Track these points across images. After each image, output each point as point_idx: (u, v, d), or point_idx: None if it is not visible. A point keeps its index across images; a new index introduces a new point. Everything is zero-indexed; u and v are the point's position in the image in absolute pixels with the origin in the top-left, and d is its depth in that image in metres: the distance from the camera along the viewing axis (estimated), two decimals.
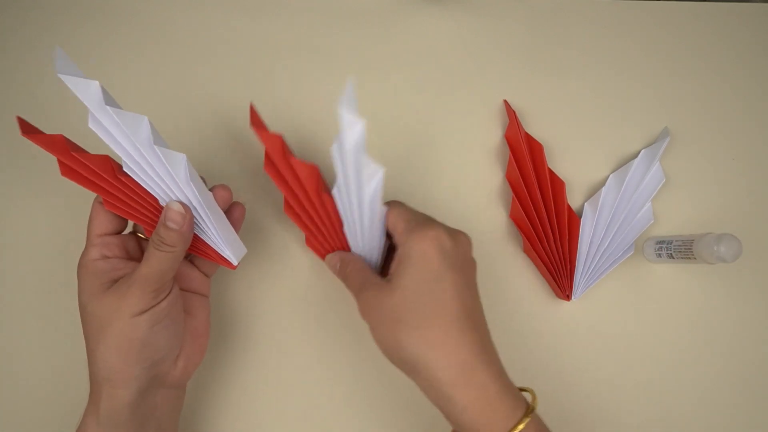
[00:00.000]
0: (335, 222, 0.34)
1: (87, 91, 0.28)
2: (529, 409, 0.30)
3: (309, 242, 0.38)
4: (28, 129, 0.30)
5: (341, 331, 0.42)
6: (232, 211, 0.37)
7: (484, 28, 0.50)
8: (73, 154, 0.31)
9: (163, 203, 0.33)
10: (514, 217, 0.45)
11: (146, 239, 0.36)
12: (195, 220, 0.33)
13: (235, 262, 0.37)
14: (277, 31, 0.49)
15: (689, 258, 0.40)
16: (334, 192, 0.32)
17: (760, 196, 0.47)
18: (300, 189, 0.33)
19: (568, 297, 0.42)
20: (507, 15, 0.50)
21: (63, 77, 0.27)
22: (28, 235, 0.43)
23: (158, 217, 0.33)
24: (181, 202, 0.32)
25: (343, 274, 0.36)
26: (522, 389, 0.33)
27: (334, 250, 0.38)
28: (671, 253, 0.42)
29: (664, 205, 0.46)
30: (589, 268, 0.43)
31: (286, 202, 0.36)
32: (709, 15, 0.51)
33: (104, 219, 0.33)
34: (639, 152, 0.46)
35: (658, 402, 0.42)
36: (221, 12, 0.49)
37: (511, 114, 0.46)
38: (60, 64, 0.28)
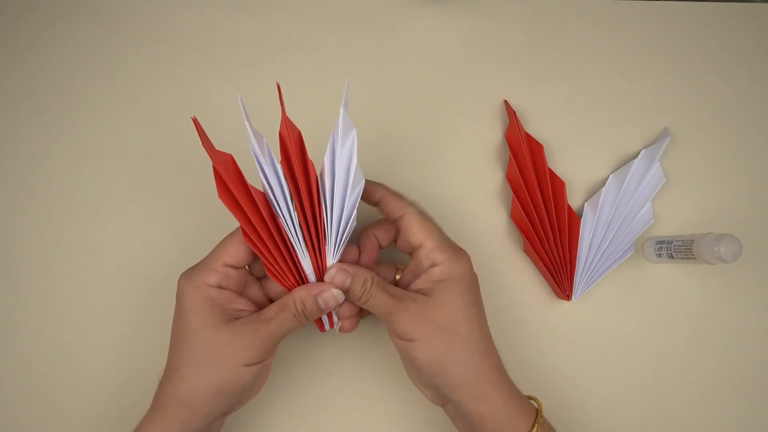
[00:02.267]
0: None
1: (262, 143, 0.31)
2: (538, 414, 0.33)
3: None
4: (203, 135, 0.30)
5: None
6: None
7: (484, 28, 0.50)
8: (244, 181, 0.31)
9: (302, 256, 0.32)
10: (514, 217, 0.45)
11: (256, 276, 0.36)
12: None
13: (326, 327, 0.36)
14: (277, 31, 0.49)
15: (689, 258, 0.40)
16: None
17: (760, 196, 0.47)
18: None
19: (568, 297, 0.42)
20: (507, 15, 0.50)
21: (247, 125, 0.30)
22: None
23: (291, 269, 0.33)
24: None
25: (360, 291, 0.33)
26: (528, 397, 0.35)
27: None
28: (671, 253, 0.42)
29: (664, 205, 0.46)
30: (589, 268, 0.43)
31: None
32: (709, 15, 0.51)
33: (238, 251, 0.33)
34: (639, 152, 0.46)
35: (658, 402, 0.42)
36: (221, 12, 0.49)
37: (511, 114, 0.46)
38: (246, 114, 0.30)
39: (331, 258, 0.33)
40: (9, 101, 0.46)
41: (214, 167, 0.30)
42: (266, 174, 0.31)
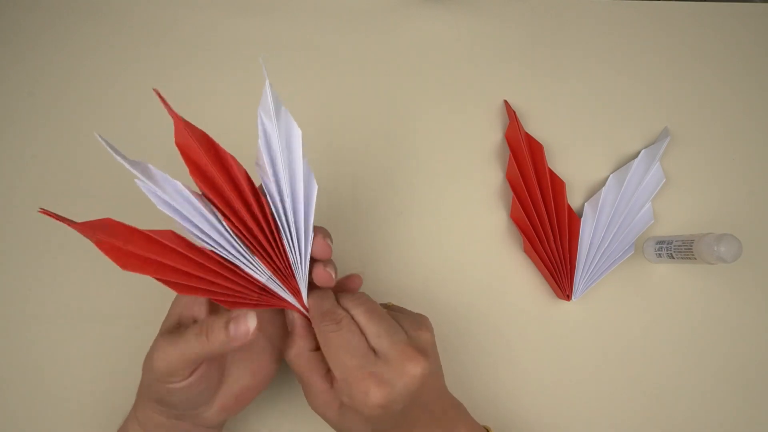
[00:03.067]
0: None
1: (148, 173, 0.27)
2: None
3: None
4: (57, 218, 0.26)
5: None
6: (349, 282, 0.35)
7: (484, 28, 0.50)
8: (130, 229, 0.27)
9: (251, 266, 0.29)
10: (514, 217, 0.45)
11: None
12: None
13: None
14: (277, 31, 0.49)
15: (689, 258, 0.40)
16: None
17: (760, 196, 0.47)
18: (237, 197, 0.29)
19: (568, 297, 0.42)
20: (507, 15, 0.50)
21: (121, 160, 0.27)
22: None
23: (234, 288, 0.30)
24: (255, 322, 0.29)
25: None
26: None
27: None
28: (671, 253, 0.42)
29: (664, 205, 0.46)
30: (589, 268, 0.43)
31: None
32: (709, 15, 0.51)
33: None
34: (639, 152, 0.46)
35: (658, 402, 0.42)
36: (221, 12, 0.49)
37: (511, 114, 0.46)
38: (114, 151, 0.27)
39: (301, 282, 0.31)
40: (9, 101, 0.46)
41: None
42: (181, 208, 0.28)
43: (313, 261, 0.32)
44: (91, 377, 0.40)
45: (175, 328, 0.31)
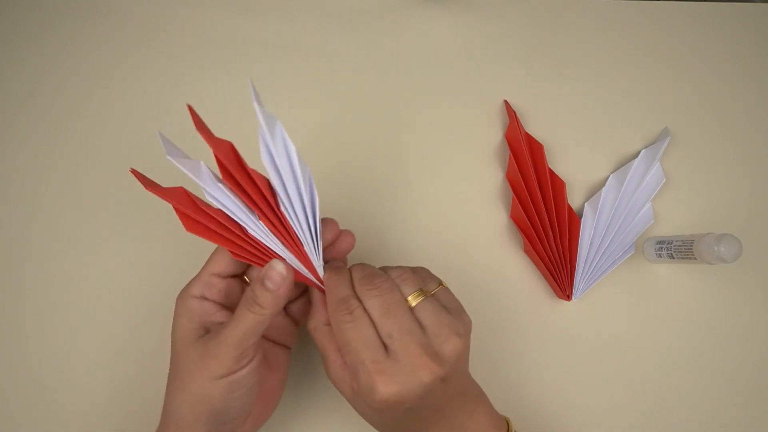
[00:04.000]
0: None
1: (198, 171, 0.28)
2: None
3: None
4: (148, 183, 0.29)
5: None
6: (339, 241, 0.34)
7: (484, 28, 0.50)
8: (201, 208, 0.29)
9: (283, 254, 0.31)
10: (514, 217, 0.45)
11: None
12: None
13: None
14: (276, 31, 0.49)
15: (689, 258, 0.40)
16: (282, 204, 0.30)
17: (760, 196, 0.47)
18: (262, 199, 0.30)
19: (568, 297, 0.42)
20: (507, 15, 0.50)
21: (172, 160, 0.27)
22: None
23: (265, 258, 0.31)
24: (285, 263, 0.30)
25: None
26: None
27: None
28: (671, 253, 0.42)
29: (664, 205, 0.46)
30: (589, 268, 0.43)
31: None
32: (709, 15, 0.51)
33: (225, 259, 0.32)
34: (639, 152, 0.46)
35: (658, 402, 0.42)
36: (220, 12, 0.49)
37: (511, 114, 0.46)
38: (168, 148, 0.28)
39: (314, 258, 0.32)
40: (9, 101, 0.46)
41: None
42: (223, 199, 0.30)
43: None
44: (97, 380, 0.41)
45: (203, 333, 0.31)
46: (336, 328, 0.30)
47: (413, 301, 0.30)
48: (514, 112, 0.46)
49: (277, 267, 0.29)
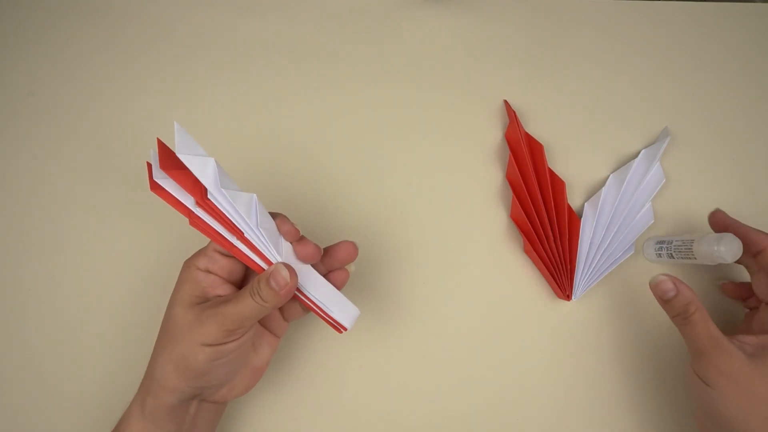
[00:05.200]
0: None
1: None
2: None
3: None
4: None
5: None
6: (334, 275, 0.36)
7: (484, 28, 0.50)
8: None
9: (273, 259, 0.32)
10: (514, 217, 0.45)
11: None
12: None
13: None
14: (277, 31, 0.49)
15: (689, 258, 0.40)
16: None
17: (760, 196, 0.47)
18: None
19: (568, 297, 0.42)
20: (507, 15, 0.50)
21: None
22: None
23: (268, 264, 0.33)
24: (290, 269, 0.32)
25: (680, 309, 0.34)
26: None
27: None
28: (671, 253, 0.42)
29: (664, 205, 0.46)
30: (589, 268, 0.43)
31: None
32: (709, 15, 0.51)
33: None
34: (639, 152, 0.46)
35: (658, 402, 0.42)
36: (220, 12, 0.49)
37: (511, 114, 0.46)
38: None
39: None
40: (9, 101, 0.46)
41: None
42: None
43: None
44: (90, 374, 0.41)
45: (202, 301, 0.32)
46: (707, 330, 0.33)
47: None
48: (514, 112, 0.46)
49: (282, 271, 0.31)
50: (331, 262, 0.35)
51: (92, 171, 0.45)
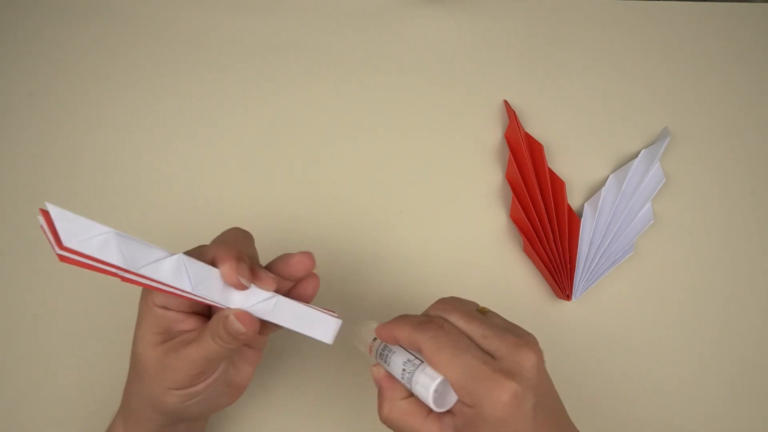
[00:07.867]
0: None
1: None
2: None
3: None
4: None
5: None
6: (303, 286, 0.32)
7: (484, 28, 0.50)
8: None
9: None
10: (514, 217, 0.45)
11: None
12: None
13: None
14: (276, 31, 0.49)
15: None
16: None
17: (760, 196, 0.47)
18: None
19: (568, 297, 0.42)
20: (507, 15, 0.50)
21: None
22: None
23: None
24: (244, 316, 0.28)
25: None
26: None
27: None
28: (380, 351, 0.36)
29: (664, 205, 0.46)
30: (589, 268, 0.43)
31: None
32: (709, 15, 0.51)
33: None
34: (639, 152, 0.46)
35: (658, 402, 0.42)
36: (220, 12, 0.49)
37: (511, 114, 0.46)
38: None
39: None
40: (9, 101, 0.46)
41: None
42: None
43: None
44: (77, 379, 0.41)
45: (166, 338, 0.30)
46: (433, 349, 0.29)
47: (480, 312, 0.31)
48: (514, 112, 0.46)
49: (234, 325, 0.28)
50: (292, 275, 0.32)
51: (92, 171, 0.45)
